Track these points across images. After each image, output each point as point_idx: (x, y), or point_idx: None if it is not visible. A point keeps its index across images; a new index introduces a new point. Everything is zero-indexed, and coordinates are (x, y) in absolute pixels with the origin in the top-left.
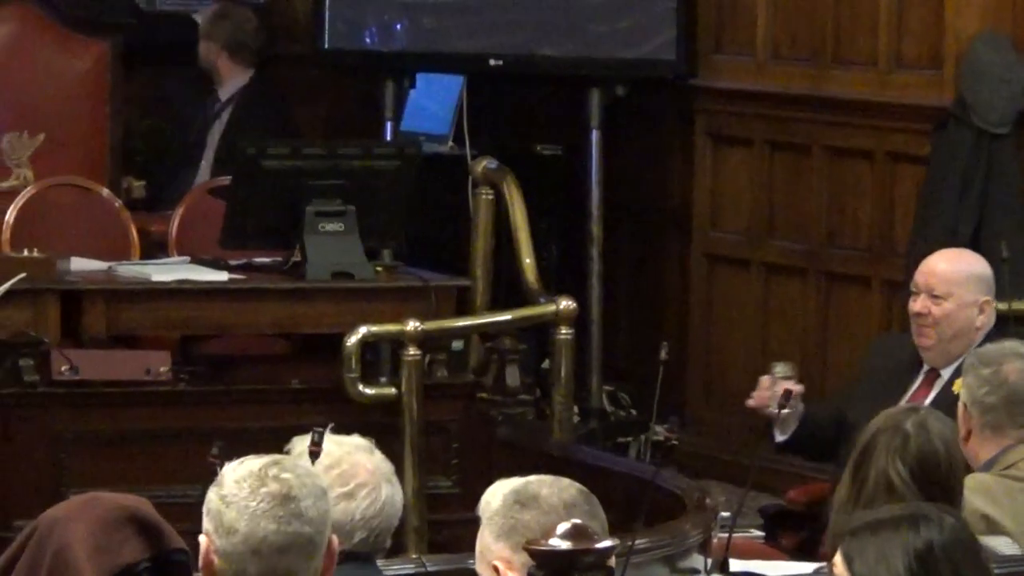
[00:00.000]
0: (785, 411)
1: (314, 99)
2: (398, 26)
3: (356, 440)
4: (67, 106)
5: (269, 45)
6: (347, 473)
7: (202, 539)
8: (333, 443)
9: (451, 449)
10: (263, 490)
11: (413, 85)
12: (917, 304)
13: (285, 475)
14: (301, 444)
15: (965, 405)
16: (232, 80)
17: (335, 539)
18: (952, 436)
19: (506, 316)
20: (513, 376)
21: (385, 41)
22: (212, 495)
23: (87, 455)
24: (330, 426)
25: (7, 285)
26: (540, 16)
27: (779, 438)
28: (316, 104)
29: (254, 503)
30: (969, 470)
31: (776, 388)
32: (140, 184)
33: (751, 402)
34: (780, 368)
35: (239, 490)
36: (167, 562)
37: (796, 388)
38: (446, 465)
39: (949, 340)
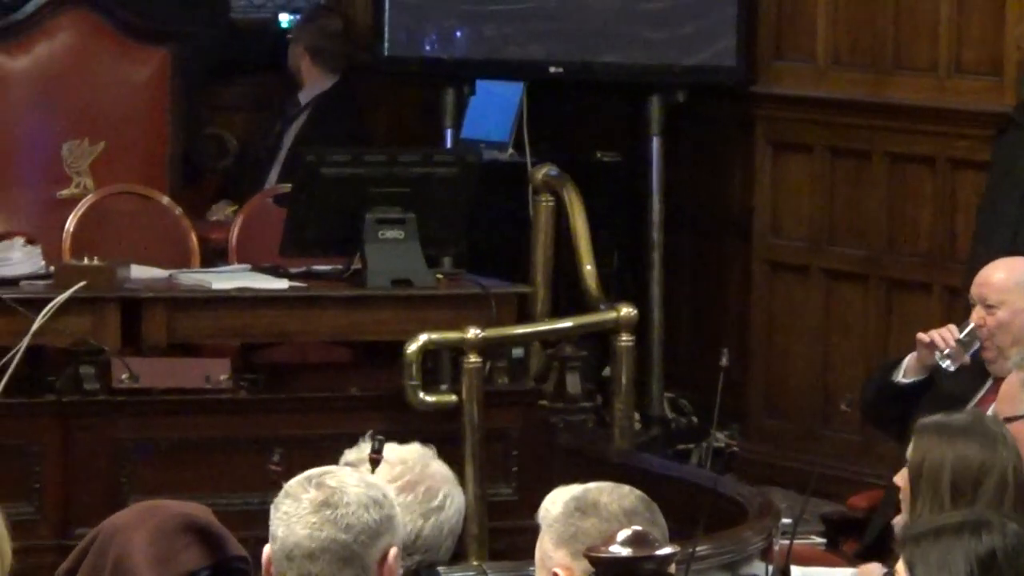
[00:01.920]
0: (949, 366)
1: (374, 107)
2: (458, 34)
3: (419, 448)
4: (127, 114)
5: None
6: (433, 487)
7: (268, 545)
8: (407, 456)
9: (511, 456)
10: (304, 495)
11: (473, 92)
12: (973, 317)
13: (332, 482)
14: (354, 454)
15: None
16: (312, 85)
17: (394, 552)
18: None
19: (567, 323)
20: (574, 383)
21: (445, 49)
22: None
23: (148, 463)
24: (369, 433)
25: (67, 293)
26: (600, 23)
27: (901, 379)
28: (376, 112)
29: (292, 508)
30: None
31: (956, 350)
32: (233, 208)
33: (924, 336)
34: (971, 341)
35: (286, 495)
36: (228, 570)
37: (967, 361)
38: (506, 472)
39: (1010, 348)
